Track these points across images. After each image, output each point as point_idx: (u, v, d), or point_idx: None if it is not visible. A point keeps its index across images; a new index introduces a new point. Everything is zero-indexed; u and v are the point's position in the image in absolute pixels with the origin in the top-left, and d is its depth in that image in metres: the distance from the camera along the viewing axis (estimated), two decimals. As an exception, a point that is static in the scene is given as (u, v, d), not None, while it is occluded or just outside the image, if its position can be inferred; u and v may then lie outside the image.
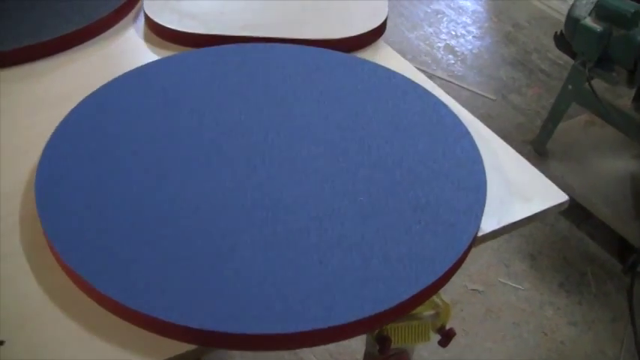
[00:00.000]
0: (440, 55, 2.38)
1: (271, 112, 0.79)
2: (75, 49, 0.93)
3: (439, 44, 2.44)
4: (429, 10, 2.64)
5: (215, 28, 0.93)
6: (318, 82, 0.84)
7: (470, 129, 0.79)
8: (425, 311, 0.87)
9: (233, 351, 0.82)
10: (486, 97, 2.16)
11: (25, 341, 0.57)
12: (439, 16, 2.60)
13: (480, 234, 0.69)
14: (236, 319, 0.56)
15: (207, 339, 0.56)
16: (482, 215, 0.68)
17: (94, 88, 0.80)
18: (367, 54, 0.94)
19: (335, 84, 0.84)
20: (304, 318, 0.56)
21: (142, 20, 0.99)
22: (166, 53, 0.92)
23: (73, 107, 0.77)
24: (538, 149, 1.83)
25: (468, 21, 2.56)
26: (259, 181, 0.70)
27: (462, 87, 2.21)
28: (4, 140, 0.78)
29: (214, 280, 0.59)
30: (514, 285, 1.61)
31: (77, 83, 0.85)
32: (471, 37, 2.47)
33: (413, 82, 0.85)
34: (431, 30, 2.52)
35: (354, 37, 0.93)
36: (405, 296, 0.59)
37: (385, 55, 0.95)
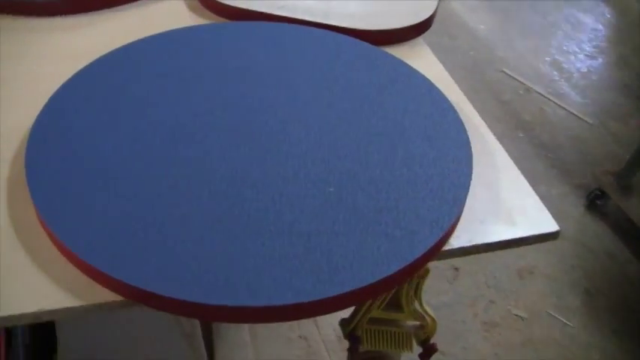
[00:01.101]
0: (544, 70, 2.27)
1: (274, 94, 0.78)
2: (120, 7, 0.96)
3: (546, 58, 2.33)
4: (544, 22, 2.52)
5: (253, 4, 0.93)
6: (332, 69, 0.82)
7: (479, 140, 0.75)
8: (406, 320, 0.84)
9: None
10: (582, 120, 2.04)
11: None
12: (553, 29, 2.48)
13: (447, 248, 0.65)
14: (165, 280, 0.57)
15: (134, 294, 0.57)
16: (449, 229, 0.64)
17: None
18: (401, 50, 0.91)
19: (350, 74, 0.81)
20: (223, 292, 0.56)
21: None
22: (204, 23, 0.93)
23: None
24: (621, 182, 1.71)
25: (584, 38, 2.43)
26: (236, 157, 0.69)
27: (559, 105, 2.10)
28: (21, 85, 0.81)
29: (158, 242, 0.60)
30: (562, 319, 1.52)
31: (111, 40, 0.86)
32: (582, 55, 2.34)
33: (431, 84, 0.81)
34: (541, 43, 2.41)
35: (386, 30, 0.90)
36: (320, 296, 0.56)
37: (419, 54, 0.91)
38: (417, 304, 0.82)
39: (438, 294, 1.57)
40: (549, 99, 2.13)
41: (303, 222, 0.63)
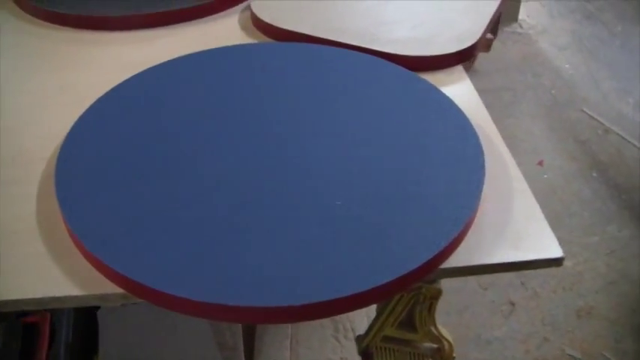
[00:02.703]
0: (626, 111, 2.22)
1: (302, 109, 0.83)
2: (176, 25, 1.05)
3: (629, 99, 2.28)
4: (632, 63, 2.47)
5: (300, 27, 0.99)
6: (363, 91, 0.87)
7: (500, 166, 0.78)
8: (422, 342, 0.86)
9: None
10: (661, 164, 1.98)
11: None
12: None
13: (446, 266, 0.67)
14: (162, 275, 0.62)
15: (132, 287, 0.62)
16: (447, 247, 0.66)
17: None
18: (439, 76, 0.94)
19: (379, 96, 0.86)
20: (217, 291, 0.61)
21: (249, 12, 1.08)
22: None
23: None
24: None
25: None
26: (255, 168, 0.74)
27: (638, 148, 2.05)
28: (78, 91, 0.90)
29: (163, 241, 0.65)
30: (618, 363, 1.47)
31: (164, 55, 0.95)
32: (673, 99, 2.28)
33: (458, 109, 0.83)
34: (626, 84, 2.35)
35: (424, 57, 0.94)
36: (306, 302, 0.60)
37: (456, 81, 0.94)
38: (432, 326, 0.84)
39: (491, 328, 1.56)
40: (628, 141, 2.08)
41: (306, 230, 0.67)
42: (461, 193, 0.72)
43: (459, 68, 0.97)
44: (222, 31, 1.05)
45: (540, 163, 2.02)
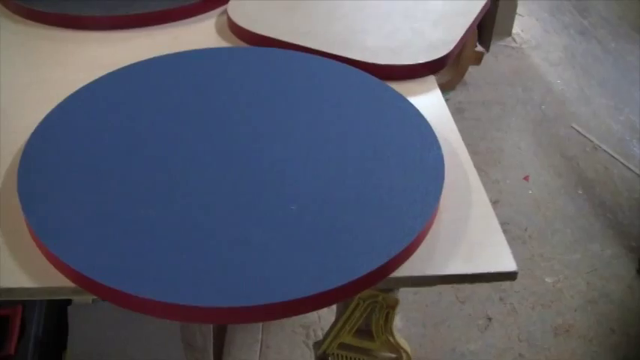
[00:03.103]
0: (615, 129, 2.21)
1: (264, 114, 0.83)
2: (154, 27, 1.05)
3: (620, 117, 2.27)
4: (623, 80, 2.46)
5: (274, 32, 0.98)
6: (329, 98, 0.86)
7: (462, 177, 0.77)
8: (380, 351, 0.85)
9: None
10: (649, 183, 1.97)
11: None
12: (632, 87, 2.42)
13: (396, 275, 0.66)
14: (112, 271, 0.61)
15: (84, 283, 0.62)
16: (397, 256, 0.65)
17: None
18: (409, 86, 0.93)
19: (344, 104, 0.85)
20: (160, 288, 0.60)
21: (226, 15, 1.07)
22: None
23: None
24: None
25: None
26: (209, 172, 0.74)
27: (626, 166, 2.04)
28: (48, 86, 0.90)
29: (117, 238, 0.65)
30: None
31: (137, 57, 0.93)
32: (663, 116, 2.27)
33: (423, 119, 0.82)
34: (617, 101, 2.35)
35: (395, 66, 0.93)
36: (244, 304, 0.59)
37: (426, 91, 0.93)
38: (390, 336, 0.83)
39: (467, 342, 1.55)
40: (616, 158, 2.07)
41: (258, 233, 0.66)
42: (417, 202, 0.71)
43: (431, 79, 0.96)
44: (197, 35, 1.05)
45: (526, 179, 2.01)
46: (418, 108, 0.85)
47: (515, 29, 2.77)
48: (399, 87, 0.91)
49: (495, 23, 2.57)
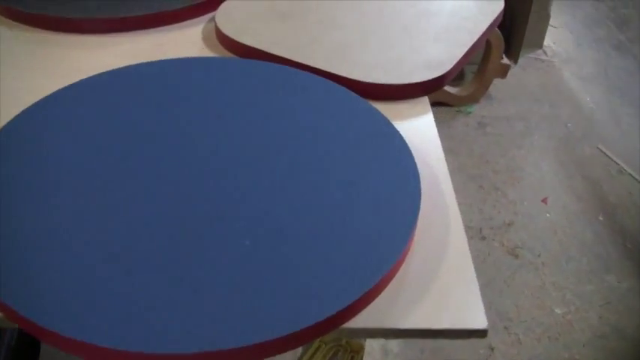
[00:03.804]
0: None
1: (230, 129, 0.77)
2: (139, 32, 0.99)
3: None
4: None
5: (259, 42, 0.92)
6: (304, 116, 0.80)
7: (442, 214, 0.70)
8: None
9: None
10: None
11: None
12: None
13: (350, 326, 0.59)
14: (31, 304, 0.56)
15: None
16: (351, 306, 0.59)
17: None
18: (398, 107, 0.86)
19: (318, 123, 0.79)
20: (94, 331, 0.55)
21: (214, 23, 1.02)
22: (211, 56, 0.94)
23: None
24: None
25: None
26: (159, 198, 0.68)
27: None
28: (16, 90, 0.85)
29: (49, 272, 0.59)
30: None
31: (112, 63, 0.88)
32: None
33: (405, 147, 0.75)
34: None
35: (380, 85, 0.86)
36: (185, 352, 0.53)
37: (416, 114, 0.86)
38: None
39: (466, 372, 1.47)
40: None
41: (199, 272, 0.60)
42: (384, 243, 0.64)
43: (424, 100, 0.89)
44: (183, 42, 0.99)
45: (544, 201, 1.92)
46: (406, 133, 0.78)
47: (547, 41, 2.66)
48: (387, 108, 0.84)
49: (526, 35, 2.47)
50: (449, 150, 2.00)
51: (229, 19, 0.98)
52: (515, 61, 2.48)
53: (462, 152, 2.08)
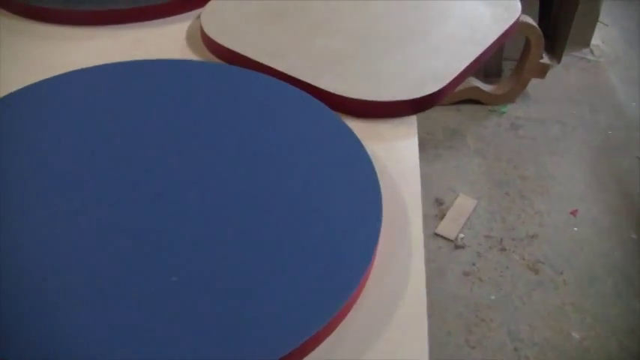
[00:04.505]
0: None
1: (182, 151, 0.70)
2: (120, 26, 0.93)
3: None
4: None
5: (244, 48, 0.85)
6: (272, 130, 0.73)
7: (405, 253, 0.63)
8: None
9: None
10: None
11: None
12: None
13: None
14: None
15: None
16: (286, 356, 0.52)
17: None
18: (380, 127, 0.79)
19: (283, 141, 0.72)
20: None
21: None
22: (192, 58, 0.88)
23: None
24: None
25: None
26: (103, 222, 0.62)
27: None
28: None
29: None
30: None
31: (86, 60, 0.83)
32: None
33: (374, 177, 0.68)
34: None
35: (363, 101, 0.79)
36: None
37: (400, 136, 0.78)
38: None
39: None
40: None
41: (129, 313, 0.54)
42: (328, 290, 0.57)
43: (411, 120, 0.80)
44: (164, 40, 0.92)
45: (573, 213, 1.81)
46: (384, 157, 0.71)
47: (595, 40, 2.51)
48: (367, 127, 0.77)
49: (571, 32, 2.34)
50: (476, 152, 1.90)
51: (215, 18, 0.92)
52: (559, 60, 2.35)
53: (490, 155, 1.97)
